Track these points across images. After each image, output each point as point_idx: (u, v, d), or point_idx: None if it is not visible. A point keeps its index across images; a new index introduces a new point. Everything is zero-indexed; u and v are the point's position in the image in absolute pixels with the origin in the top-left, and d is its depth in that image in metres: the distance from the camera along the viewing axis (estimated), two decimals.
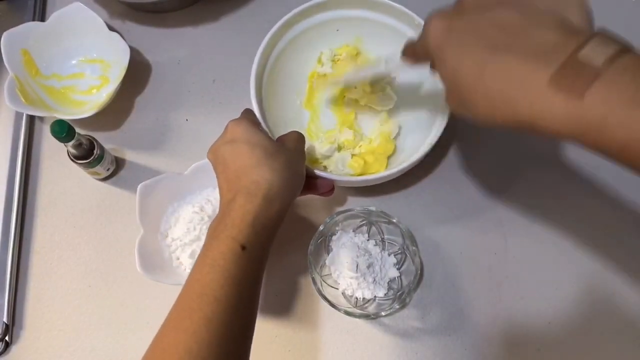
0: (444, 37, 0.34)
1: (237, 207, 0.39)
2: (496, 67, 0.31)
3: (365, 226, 0.56)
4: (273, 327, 0.55)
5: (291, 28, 0.58)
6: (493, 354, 0.53)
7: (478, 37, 0.32)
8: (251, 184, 0.40)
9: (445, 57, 0.34)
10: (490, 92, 0.31)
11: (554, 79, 0.28)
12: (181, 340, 0.34)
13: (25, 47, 0.63)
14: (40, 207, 0.61)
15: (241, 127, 0.44)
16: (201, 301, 0.35)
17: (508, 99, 0.30)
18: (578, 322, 0.54)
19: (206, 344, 0.34)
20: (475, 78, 0.32)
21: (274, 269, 0.57)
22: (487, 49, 0.31)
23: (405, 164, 0.51)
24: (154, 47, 0.68)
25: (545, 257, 0.56)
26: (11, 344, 0.55)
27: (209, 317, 0.35)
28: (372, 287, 0.52)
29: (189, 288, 0.37)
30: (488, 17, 0.33)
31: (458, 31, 0.34)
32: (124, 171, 0.62)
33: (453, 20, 0.34)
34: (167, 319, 0.36)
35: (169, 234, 0.56)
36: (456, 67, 0.33)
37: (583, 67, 0.28)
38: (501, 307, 0.55)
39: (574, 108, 0.28)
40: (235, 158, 0.42)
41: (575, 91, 0.27)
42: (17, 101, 0.59)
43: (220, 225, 0.39)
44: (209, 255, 0.38)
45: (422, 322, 0.55)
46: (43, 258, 0.59)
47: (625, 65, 0.27)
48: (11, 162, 0.61)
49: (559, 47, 0.29)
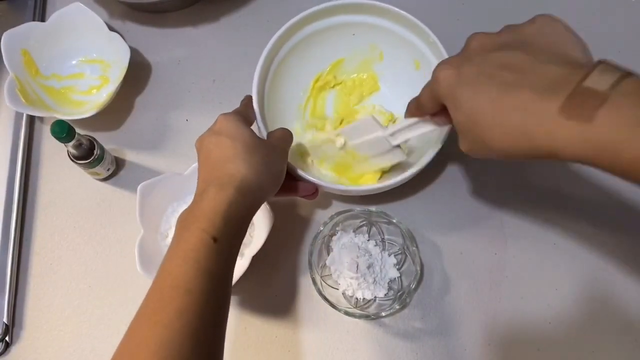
0: (456, 83, 0.36)
1: (209, 198, 0.39)
2: (511, 103, 0.33)
3: (365, 226, 0.56)
4: (273, 327, 0.55)
5: (301, 30, 0.58)
6: (493, 354, 0.53)
7: (489, 77, 0.34)
8: (224, 176, 0.41)
9: (459, 101, 0.36)
10: (509, 126, 0.33)
11: (564, 107, 0.30)
12: (155, 332, 0.34)
13: (25, 47, 0.63)
14: (40, 207, 0.61)
15: (228, 121, 0.45)
16: (174, 293, 0.35)
17: (526, 131, 0.32)
18: (578, 322, 0.54)
19: (180, 335, 0.34)
20: (492, 116, 0.34)
21: (274, 269, 0.57)
22: (499, 87, 0.33)
23: (397, 178, 0.51)
24: (154, 47, 0.68)
25: (545, 257, 0.57)
26: (11, 344, 0.55)
27: (182, 309, 0.35)
28: (372, 288, 0.52)
29: (161, 280, 0.37)
30: (494, 59, 0.35)
31: (468, 76, 0.36)
32: (124, 171, 0.62)
33: (462, 67, 0.36)
34: (139, 312, 0.36)
35: (169, 234, 0.56)
36: (473, 108, 0.35)
37: (589, 94, 0.30)
38: (501, 307, 0.55)
39: (585, 132, 0.30)
40: (216, 149, 0.43)
41: (585, 116, 0.29)
42: (17, 101, 0.59)
43: (190, 215, 0.39)
44: (180, 246, 0.38)
45: (422, 322, 0.55)
46: (43, 258, 0.59)
47: (628, 89, 0.29)
48: (11, 162, 0.61)
49: (565, 79, 0.31)
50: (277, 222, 0.55)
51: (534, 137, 0.32)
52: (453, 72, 0.37)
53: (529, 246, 0.57)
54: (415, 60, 0.58)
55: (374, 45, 0.61)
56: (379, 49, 0.61)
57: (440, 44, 0.54)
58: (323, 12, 0.57)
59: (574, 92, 0.30)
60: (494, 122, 0.34)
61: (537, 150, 0.32)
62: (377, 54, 0.62)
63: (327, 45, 0.60)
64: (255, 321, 0.55)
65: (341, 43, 0.61)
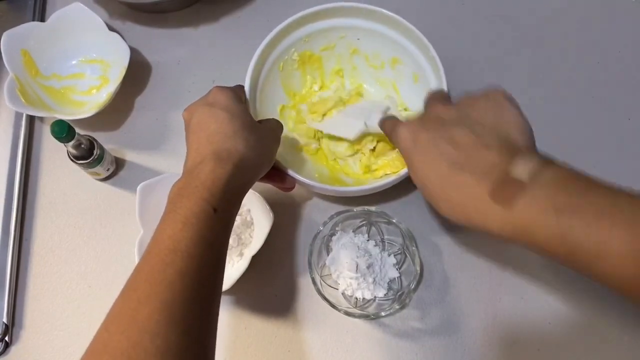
0: (411, 148, 0.41)
1: (208, 171, 0.39)
2: (454, 183, 0.38)
3: (365, 226, 0.56)
4: (273, 327, 0.55)
5: (298, 30, 0.58)
6: (493, 354, 0.53)
7: (439, 153, 0.39)
8: (223, 151, 0.41)
9: (413, 166, 0.41)
10: (451, 201, 0.38)
11: (492, 193, 0.35)
12: (156, 291, 0.34)
13: (25, 47, 0.63)
14: (40, 207, 0.61)
15: (224, 95, 0.45)
16: (175, 256, 0.35)
17: (464, 207, 0.37)
18: (578, 322, 0.54)
19: (181, 296, 0.34)
20: (439, 190, 0.39)
21: (274, 269, 0.57)
22: (446, 166, 0.38)
23: (384, 180, 0.52)
24: (154, 47, 0.68)
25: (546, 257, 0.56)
26: (11, 344, 0.55)
27: (183, 272, 0.35)
28: (372, 288, 0.52)
29: (159, 243, 0.37)
30: (446, 133, 0.39)
31: (422, 145, 0.40)
32: (124, 171, 0.62)
33: (418, 134, 0.41)
34: (136, 272, 0.36)
35: None
36: (424, 177, 0.40)
37: (512, 182, 0.35)
38: (501, 307, 0.55)
39: (508, 216, 0.34)
40: (212, 122, 0.42)
41: (506, 202, 0.34)
42: (17, 101, 0.59)
43: (189, 186, 0.39)
44: (180, 212, 0.37)
45: (422, 323, 0.55)
46: (43, 258, 0.59)
47: (546, 178, 0.34)
48: (11, 162, 0.61)
49: (497, 165, 0.36)
50: (277, 222, 0.55)
51: (471, 214, 0.37)
52: (410, 136, 0.41)
53: None
54: (415, 73, 0.59)
55: (376, 53, 0.61)
56: (380, 58, 0.61)
57: (439, 60, 0.54)
58: (323, 13, 0.57)
59: (499, 179, 0.35)
60: (441, 194, 0.39)
61: (474, 227, 0.37)
62: (378, 62, 0.61)
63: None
64: (255, 321, 0.55)
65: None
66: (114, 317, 0.34)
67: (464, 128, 0.39)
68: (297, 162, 0.59)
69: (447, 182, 0.38)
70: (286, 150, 0.58)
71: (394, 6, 0.56)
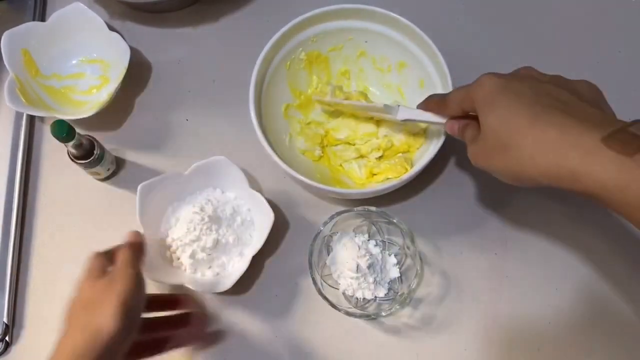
0: (500, 90, 0.38)
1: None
2: (552, 120, 0.35)
3: (365, 226, 0.56)
4: (273, 327, 0.55)
5: (303, 31, 0.58)
6: (493, 354, 0.53)
7: (535, 97, 0.36)
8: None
9: (497, 106, 0.37)
10: (542, 138, 0.34)
11: (606, 140, 0.32)
12: None
13: (25, 47, 0.62)
14: (40, 207, 0.61)
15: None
16: None
17: (559, 147, 0.34)
18: (578, 322, 0.54)
19: None
20: (528, 124, 0.35)
21: (274, 269, 0.57)
22: (543, 106, 0.35)
23: (386, 185, 0.52)
24: (154, 47, 0.68)
25: (546, 257, 0.57)
26: (11, 344, 0.55)
27: None
28: (372, 288, 0.52)
29: None
30: (542, 87, 0.37)
31: (515, 89, 0.37)
32: (124, 171, 0.62)
33: (510, 81, 0.38)
34: None
35: (169, 234, 0.56)
36: (509, 113, 0.36)
37: (634, 136, 0.32)
38: (501, 307, 0.55)
39: (622, 164, 0.32)
40: None
41: (627, 151, 0.32)
42: (17, 101, 0.59)
43: None
44: None
45: (422, 322, 0.55)
46: (43, 258, 0.59)
47: None
48: (11, 162, 0.61)
49: (607, 121, 0.34)
50: (277, 222, 0.55)
51: (566, 155, 0.33)
52: (500, 81, 0.38)
53: (529, 246, 0.57)
54: (421, 78, 0.59)
55: (384, 56, 0.61)
56: (387, 62, 0.61)
57: (447, 67, 0.54)
58: (332, 14, 0.57)
59: (619, 130, 0.32)
60: (527, 131, 0.35)
61: (560, 169, 0.34)
62: (385, 65, 0.62)
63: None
64: (255, 321, 0.55)
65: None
66: None
67: (561, 88, 0.37)
68: (298, 162, 0.59)
69: (540, 119, 0.35)
70: (287, 150, 0.58)
71: (398, 9, 0.56)
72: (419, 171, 0.52)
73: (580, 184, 0.33)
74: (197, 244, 0.53)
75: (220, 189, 0.58)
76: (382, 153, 0.59)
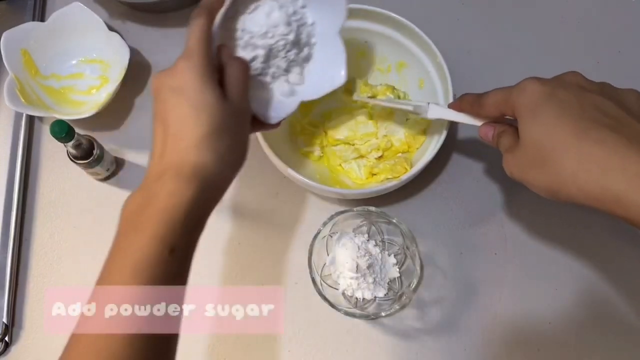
0: (545, 99, 0.36)
1: (166, 196, 0.33)
2: (598, 137, 0.33)
3: (365, 226, 0.56)
4: None
5: None
6: (493, 354, 0.53)
7: (582, 109, 0.34)
8: (186, 164, 0.34)
9: (541, 116, 0.35)
10: (587, 156, 0.33)
11: None
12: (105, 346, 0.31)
13: (25, 47, 0.62)
14: (40, 207, 0.61)
15: (192, 75, 0.36)
16: (117, 319, 0.31)
17: (605, 168, 0.32)
18: (578, 322, 0.54)
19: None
20: (573, 139, 0.33)
21: (274, 269, 0.57)
22: (591, 122, 0.33)
23: (385, 185, 0.52)
24: (154, 47, 0.67)
25: (546, 257, 0.56)
26: (11, 344, 0.55)
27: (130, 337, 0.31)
28: (372, 288, 0.52)
29: (103, 294, 0.32)
30: (590, 98, 0.35)
31: (560, 99, 0.35)
32: (124, 171, 0.62)
33: (556, 89, 0.36)
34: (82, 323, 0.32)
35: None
36: (554, 126, 0.34)
37: None
38: (501, 307, 0.55)
39: None
40: (176, 118, 0.35)
41: None
42: (17, 101, 0.59)
43: (143, 211, 0.33)
44: (129, 253, 0.32)
45: (422, 323, 0.55)
46: (43, 258, 0.59)
47: None
48: (11, 162, 0.61)
49: None
50: (277, 222, 0.55)
51: (612, 176, 0.32)
52: (545, 89, 0.36)
53: (529, 246, 0.57)
54: (420, 78, 0.58)
55: (383, 57, 0.61)
56: (387, 62, 0.61)
57: (447, 68, 0.54)
58: None
59: None
60: (571, 145, 0.33)
61: (604, 192, 0.32)
62: (384, 66, 0.61)
63: None
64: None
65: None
66: None
67: (610, 101, 0.35)
68: (298, 161, 0.59)
69: (587, 135, 0.33)
70: (287, 150, 0.58)
71: (397, 9, 0.56)
72: (418, 171, 0.52)
73: (624, 210, 0.32)
74: None
75: None
76: (381, 153, 0.59)
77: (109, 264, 0.33)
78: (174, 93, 0.36)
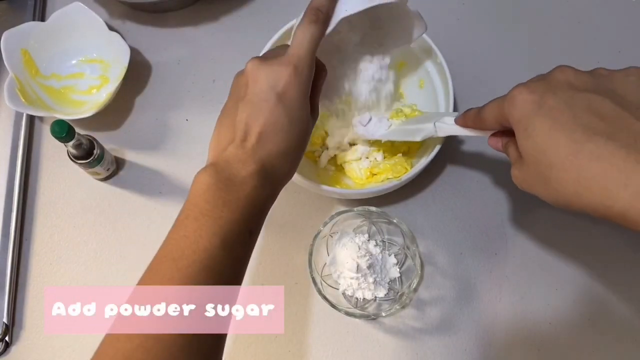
0: (534, 110, 0.34)
1: (253, 187, 0.36)
2: (596, 151, 0.31)
3: (365, 226, 0.56)
4: None
5: None
6: (493, 354, 0.53)
7: (574, 117, 0.33)
8: (270, 168, 0.38)
9: (533, 130, 0.34)
10: (586, 173, 0.31)
11: None
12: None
13: (25, 47, 0.62)
14: (40, 207, 0.61)
15: (297, 89, 0.38)
16: (207, 275, 0.34)
17: (606, 186, 0.31)
18: (578, 322, 0.54)
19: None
20: (569, 157, 0.32)
21: (275, 269, 0.57)
22: (585, 131, 0.32)
23: (386, 185, 0.52)
24: (154, 47, 0.68)
25: (546, 257, 0.57)
26: (11, 344, 0.55)
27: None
28: (372, 288, 0.52)
29: (190, 248, 0.34)
30: (582, 100, 0.33)
31: (550, 107, 0.34)
32: (124, 171, 0.62)
33: (545, 96, 0.34)
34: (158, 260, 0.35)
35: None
36: (547, 143, 0.33)
37: None
38: (501, 307, 0.55)
39: None
40: (271, 122, 0.37)
41: None
42: (17, 101, 0.59)
43: (231, 192, 0.36)
44: (220, 224, 0.35)
45: (422, 323, 0.55)
46: (43, 258, 0.59)
47: None
48: (11, 162, 0.61)
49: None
50: (278, 222, 0.55)
51: (615, 194, 0.30)
52: (533, 98, 0.35)
53: (529, 246, 0.57)
54: (420, 79, 0.58)
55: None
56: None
57: (447, 68, 0.54)
58: None
59: None
60: (568, 165, 0.32)
61: (608, 209, 0.31)
62: None
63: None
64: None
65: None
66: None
67: (604, 98, 0.33)
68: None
69: (582, 150, 0.31)
70: None
71: None
72: (419, 171, 0.52)
73: (632, 224, 0.31)
74: None
75: None
76: (382, 153, 0.59)
77: (193, 223, 0.35)
78: (277, 99, 0.38)
